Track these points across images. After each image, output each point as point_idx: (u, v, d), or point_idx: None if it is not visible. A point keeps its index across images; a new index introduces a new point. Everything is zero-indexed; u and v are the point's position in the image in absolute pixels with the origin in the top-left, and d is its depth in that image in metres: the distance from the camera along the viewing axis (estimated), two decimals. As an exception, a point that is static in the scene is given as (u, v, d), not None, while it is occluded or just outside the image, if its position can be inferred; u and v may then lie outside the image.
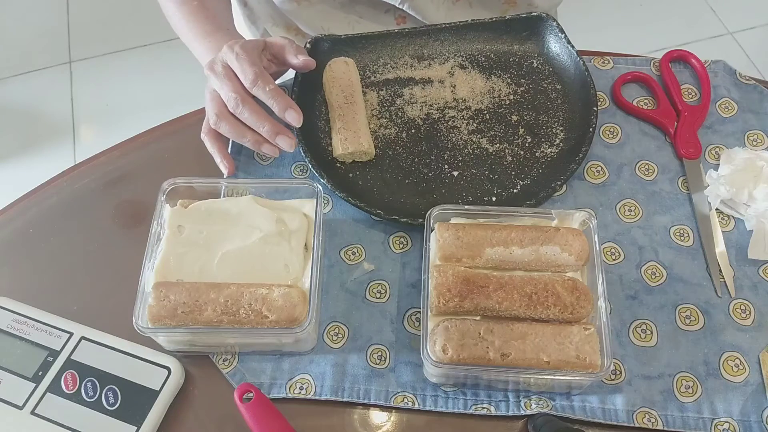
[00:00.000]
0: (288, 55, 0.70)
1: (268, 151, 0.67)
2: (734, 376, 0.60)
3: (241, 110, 0.65)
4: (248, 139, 0.66)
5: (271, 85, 0.65)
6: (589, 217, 0.62)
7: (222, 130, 0.67)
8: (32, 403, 0.58)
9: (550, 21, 0.77)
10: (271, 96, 0.65)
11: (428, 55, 0.79)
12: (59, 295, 0.65)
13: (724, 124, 0.75)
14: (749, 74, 0.78)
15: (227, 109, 0.66)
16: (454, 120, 0.74)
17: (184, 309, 0.57)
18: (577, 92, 0.75)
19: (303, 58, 0.70)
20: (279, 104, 0.65)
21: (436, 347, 0.56)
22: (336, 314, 0.63)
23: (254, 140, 0.66)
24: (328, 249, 0.67)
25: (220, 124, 0.66)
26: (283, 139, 0.65)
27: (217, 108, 0.66)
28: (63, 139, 1.81)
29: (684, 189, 0.71)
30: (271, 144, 0.66)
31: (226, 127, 0.66)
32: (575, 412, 0.58)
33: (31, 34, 2.02)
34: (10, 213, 0.71)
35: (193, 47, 0.78)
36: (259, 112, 0.65)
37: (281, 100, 0.65)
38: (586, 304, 0.57)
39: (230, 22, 0.82)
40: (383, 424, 0.59)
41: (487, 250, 0.60)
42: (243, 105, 0.64)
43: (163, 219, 0.63)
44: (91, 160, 0.75)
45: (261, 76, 0.64)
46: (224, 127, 0.66)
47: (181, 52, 0.79)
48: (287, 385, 0.60)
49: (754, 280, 0.65)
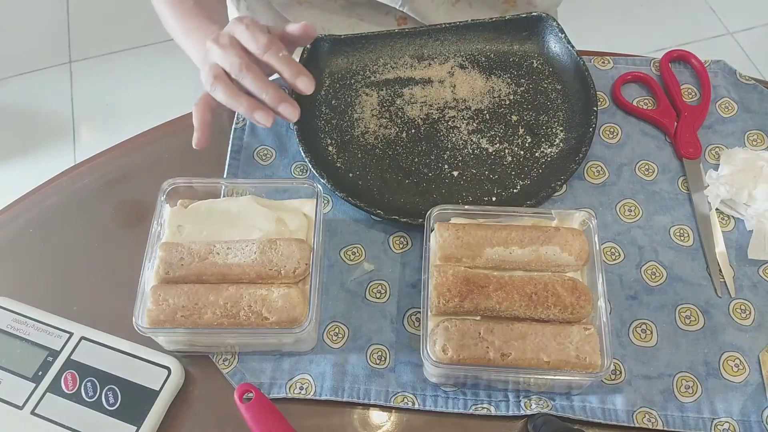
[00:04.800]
0: (287, 27, 0.68)
1: (261, 118, 0.64)
2: (734, 376, 0.60)
3: (244, 75, 0.63)
4: (243, 103, 0.63)
5: (283, 51, 0.64)
6: (589, 217, 0.62)
7: (217, 94, 0.64)
8: (32, 403, 0.58)
9: (550, 21, 0.77)
10: (284, 62, 0.63)
11: (428, 55, 0.79)
12: (59, 295, 0.66)
13: (724, 124, 0.75)
14: (749, 74, 0.78)
15: (226, 74, 0.64)
16: (454, 120, 0.74)
17: (184, 313, 0.57)
18: (577, 92, 0.75)
19: (301, 23, 0.68)
20: (291, 70, 0.64)
21: (436, 347, 0.56)
22: (336, 314, 0.63)
23: (249, 105, 0.63)
24: (328, 249, 0.67)
25: (216, 87, 0.63)
26: (287, 107, 0.64)
27: (215, 71, 0.64)
28: (63, 139, 1.81)
29: (684, 189, 0.71)
30: (266, 111, 0.63)
31: (222, 90, 0.63)
32: (575, 412, 0.58)
33: (31, 34, 2.02)
34: (10, 213, 0.71)
35: (185, 43, 0.76)
36: (262, 78, 0.63)
37: (294, 65, 0.64)
38: (586, 304, 0.57)
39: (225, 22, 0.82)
40: (383, 424, 0.59)
41: (487, 250, 0.60)
42: (246, 70, 0.63)
43: (163, 219, 0.63)
44: (91, 160, 0.75)
45: (274, 42, 0.63)
46: (220, 90, 0.63)
47: (181, 52, 0.79)
48: (287, 385, 0.60)
49: (754, 280, 0.65)
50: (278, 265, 0.59)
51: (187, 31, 0.75)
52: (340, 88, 0.77)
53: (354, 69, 0.78)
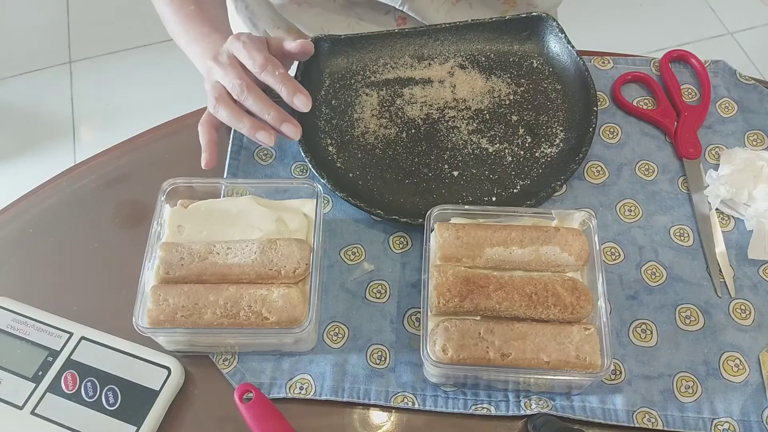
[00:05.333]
0: (285, 42, 0.69)
1: (263, 138, 0.64)
2: (734, 376, 0.60)
3: (246, 96, 0.64)
4: (245, 124, 0.64)
5: (280, 69, 0.64)
6: (589, 217, 0.62)
7: (220, 115, 0.65)
8: (32, 403, 0.58)
9: (550, 21, 0.77)
10: (281, 80, 0.64)
11: (428, 55, 0.79)
12: (59, 295, 0.66)
13: (724, 124, 0.75)
14: (749, 74, 0.78)
15: (229, 96, 0.65)
16: (454, 120, 0.74)
17: (184, 313, 0.57)
18: (577, 92, 0.75)
19: (299, 41, 0.69)
20: (288, 88, 0.64)
21: (436, 347, 0.56)
22: (336, 314, 0.63)
23: (251, 125, 0.64)
24: (328, 249, 0.67)
25: (219, 108, 0.65)
26: (288, 127, 0.64)
27: (217, 93, 0.65)
28: (63, 139, 1.81)
29: (684, 189, 0.71)
30: (268, 131, 0.64)
31: (225, 111, 0.64)
32: (575, 412, 0.58)
33: (31, 34, 2.02)
34: (10, 213, 0.71)
35: (188, 49, 0.77)
36: (264, 98, 0.64)
37: (291, 84, 0.64)
38: (586, 304, 0.57)
39: (227, 28, 0.82)
40: (383, 424, 0.59)
41: (487, 250, 0.60)
42: (248, 91, 0.63)
43: (163, 219, 0.63)
44: (91, 160, 0.75)
45: (270, 60, 0.64)
46: (223, 111, 0.65)
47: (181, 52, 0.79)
48: (287, 385, 0.60)
49: (754, 280, 0.65)
50: (278, 265, 0.59)
51: (190, 38, 0.76)
52: (340, 88, 0.77)
53: (354, 69, 0.78)
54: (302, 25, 0.87)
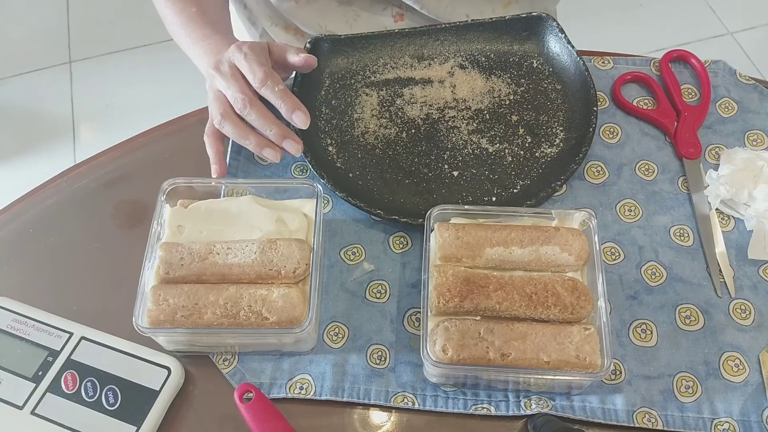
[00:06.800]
0: (289, 54, 0.69)
1: (269, 155, 0.65)
2: (734, 376, 0.60)
3: (248, 112, 0.64)
4: (251, 141, 0.65)
5: (280, 86, 0.64)
6: (589, 217, 0.62)
7: (225, 131, 0.66)
8: (32, 403, 0.58)
9: (550, 21, 0.77)
10: (280, 96, 0.64)
11: (428, 55, 0.79)
12: (59, 295, 0.66)
13: (724, 124, 0.75)
14: (749, 74, 0.78)
15: (232, 110, 0.65)
16: (454, 120, 0.74)
17: (184, 313, 0.57)
18: (577, 92, 0.75)
19: (303, 56, 0.70)
20: (287, 105, 0.64)
21: (436, 347, 0.56)
22: (336, 314, 0.63)
23: (257, 143, 0.65)
24: (328, 249, 0.67)
25: (224, 124, 0.65)
26: (290, 143, 0.65)
27: (222, 108, 0.65)
28: (63, 139, 1.81)
29: (684, 189, 0.71)
30: (273, 148, 0.65)
31: (230, 128, 0.65)
32: (575, 412, 0.58)
33: (31, 34, 2.02)
34: (10, 213, 0.71)
35: (190, 51, 0.77)
36: (266, 114, 0.65)
37: (290, 101, 0.65)
38: (586, 304, 0.57)
39: (229, 29, 0.82)
40: (383, 424, 0.59)
41: (487, 250, 0.60)
42: (251, 107, 0.64)
43: (163, 219, 0.63)
44: (91, 160, 0.75)
45: (270, 76, 0.64)
46: (228, 127, 0.65)
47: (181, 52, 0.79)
48: (287, 385, 0.60)
49: (754, 280, 0.65)
50: (278, 265, 0.59)
51: (191, 40, 0.76)
52: (340, 88, 0.77)
53: (354, 69, 0.78)
54: (299, 21, 0.87)
